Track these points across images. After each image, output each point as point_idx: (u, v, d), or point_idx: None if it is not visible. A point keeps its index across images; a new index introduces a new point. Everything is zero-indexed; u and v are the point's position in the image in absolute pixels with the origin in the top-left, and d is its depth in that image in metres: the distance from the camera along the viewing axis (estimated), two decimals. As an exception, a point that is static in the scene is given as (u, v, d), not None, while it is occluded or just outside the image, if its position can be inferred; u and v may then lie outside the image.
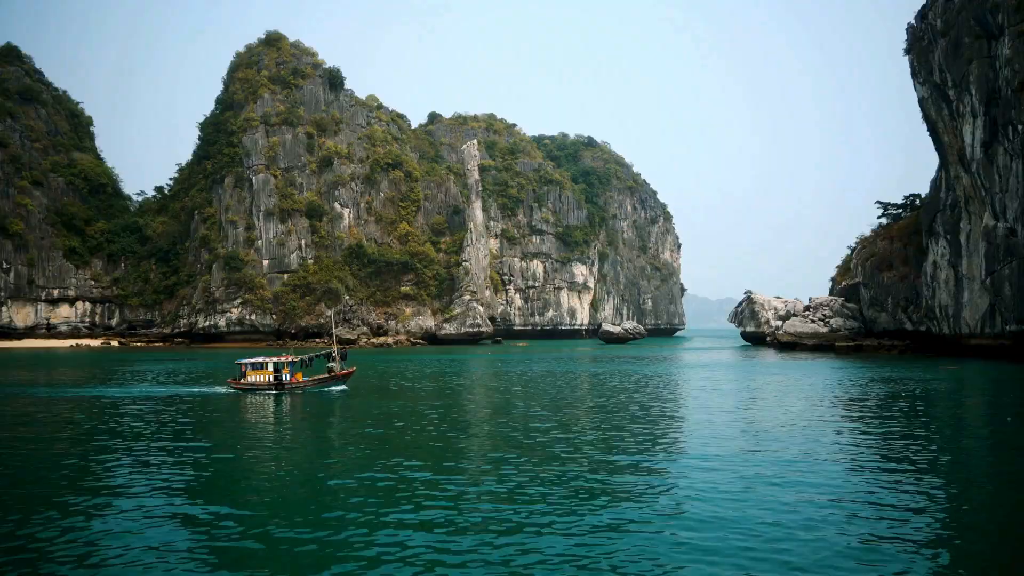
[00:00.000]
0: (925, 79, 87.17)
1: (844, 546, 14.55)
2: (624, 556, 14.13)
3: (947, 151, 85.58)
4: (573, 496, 18.57)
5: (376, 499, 18.44)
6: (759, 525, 15.77)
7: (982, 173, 78.01)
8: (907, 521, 16.14)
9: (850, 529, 15.58)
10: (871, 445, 25.90)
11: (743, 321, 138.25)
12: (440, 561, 13.98)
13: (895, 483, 19.74)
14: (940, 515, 16.75)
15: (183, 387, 51.36)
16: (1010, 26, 74.83)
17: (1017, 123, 73.11)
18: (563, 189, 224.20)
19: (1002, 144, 75.41)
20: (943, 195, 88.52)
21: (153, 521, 16.82)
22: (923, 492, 18.73)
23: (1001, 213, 75.93)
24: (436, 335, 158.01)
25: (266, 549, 14.85)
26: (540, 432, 29.45)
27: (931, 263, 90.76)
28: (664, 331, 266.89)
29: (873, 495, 18.46)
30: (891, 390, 46.06)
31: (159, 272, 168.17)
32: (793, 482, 19.88)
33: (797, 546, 14.54)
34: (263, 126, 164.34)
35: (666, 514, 16.75)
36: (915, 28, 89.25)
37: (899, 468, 21.69)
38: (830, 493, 18.62)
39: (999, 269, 75.94)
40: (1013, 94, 73.77)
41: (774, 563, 13.62)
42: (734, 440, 27.21)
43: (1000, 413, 35.34)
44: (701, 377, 60.93)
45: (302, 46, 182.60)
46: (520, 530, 15.78)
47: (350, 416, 35.88)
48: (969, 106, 79.53)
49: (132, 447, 26.61)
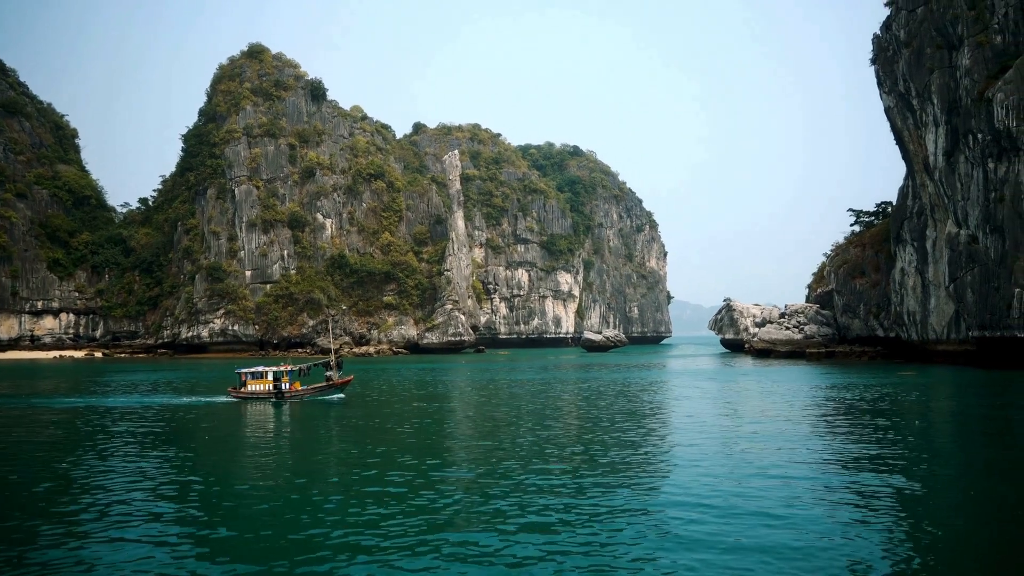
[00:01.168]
0: (891, 89, 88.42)
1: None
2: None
3: (913, 159, 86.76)
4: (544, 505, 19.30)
5: (357, 508, 19.08)
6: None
7: (944, 181, 79.21)
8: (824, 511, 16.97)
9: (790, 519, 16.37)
10: (796, 448, 26.73)
11: (722, 328, 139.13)
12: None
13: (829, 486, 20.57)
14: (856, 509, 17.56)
15: (187, 397, 51.86)
16: (969, 36, 76.21)
17: (977, 132, 74.36)
18: (547, 198, 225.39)
19: (963, 152, 76.65)
20: (910, 203, 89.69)
21: (168, 527, 17.49)
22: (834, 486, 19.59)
23: (963, 220, 77.11)
24: (418, 344, 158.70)
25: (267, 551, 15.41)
26: (506, 437, 30.25)
27: (899, 270, 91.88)
28: (650, 339, 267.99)
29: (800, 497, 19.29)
30: (839, 396, 46.93)
31: (143, 283, 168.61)
32: (728, 493, 20.66)
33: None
34: (245, 138, 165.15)
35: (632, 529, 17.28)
36: (880, 39, 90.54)
37: (815, 473, 22.53)
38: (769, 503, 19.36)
39: (961, 276, 77.06)
40: (973, 103, 75.07)
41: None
42: (670, 448, 28.03)
43: (927, 416, 36.28)
44: (654, 382, 61.76)
45: (284, 58, 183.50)
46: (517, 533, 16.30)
47: (347, 424, 36.62)
48: (931, 115, 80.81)
49: (148, 455, 27.40)
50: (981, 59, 75.19)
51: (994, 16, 74.54)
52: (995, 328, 72.03)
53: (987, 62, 74.53)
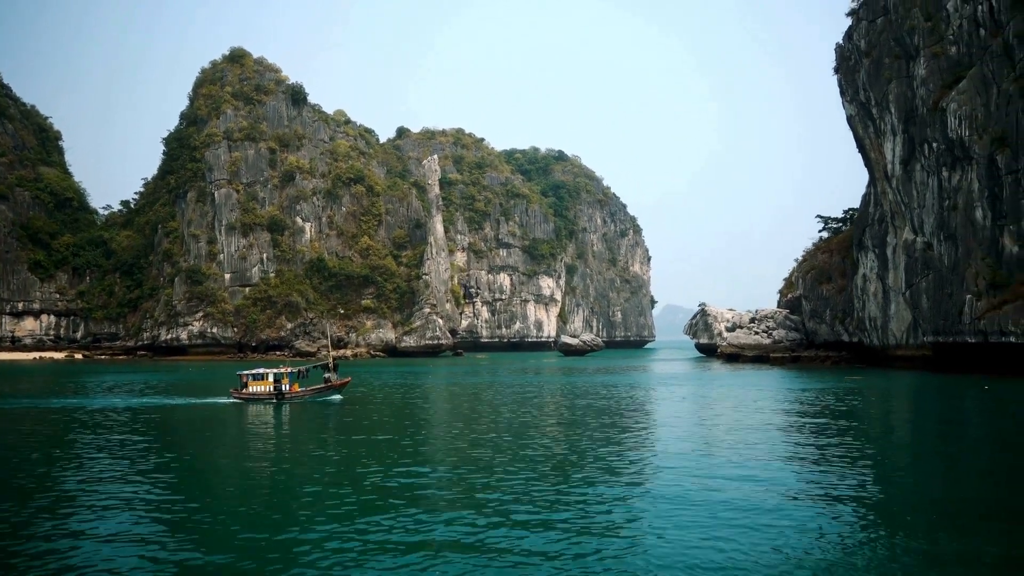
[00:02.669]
0: (852, 98, 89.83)
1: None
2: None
3: (874, 167, 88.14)
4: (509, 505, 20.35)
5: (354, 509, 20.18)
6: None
7: (901, 189, 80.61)
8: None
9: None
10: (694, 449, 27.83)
11: (697, 333, 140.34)
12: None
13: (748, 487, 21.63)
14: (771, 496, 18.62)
15: (192, 398, 53.15)
16: (925, 47, 77.64)
17: (932, 141, 75.77)
18: (530, 203, 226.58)
19: (919, 161, 78.06)
20: (872, 210, 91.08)
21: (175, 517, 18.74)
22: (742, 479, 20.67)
23: (919, 228, 78.49)
24: (396, 347, 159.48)
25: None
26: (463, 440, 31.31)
27: (861, 276, 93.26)
28: (634, 343, 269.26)
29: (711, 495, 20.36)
30: (781, 398, 48.13)
31: (123, 285, 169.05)
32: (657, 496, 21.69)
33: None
34: (226, 141, 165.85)
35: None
36: (842, 48, 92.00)
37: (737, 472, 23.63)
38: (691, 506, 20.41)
39: (917, 282, 78.41)
40: (928, 113, 76.50)
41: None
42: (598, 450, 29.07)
43: (838, 418, 37.48)
44: (619, 383, 62.81)
45: (266, 62, 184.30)
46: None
47: (344, 423, 38.20)
48: (889, 124, 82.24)
49: (166, 454, 28.96)
50: (936, 69, 76.64)
51: (949, 27, 75.99)
52: (948, 334, 73.37)
53: (942, 72, 75.97)
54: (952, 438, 32.22)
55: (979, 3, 73.28)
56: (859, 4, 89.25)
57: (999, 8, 71.19)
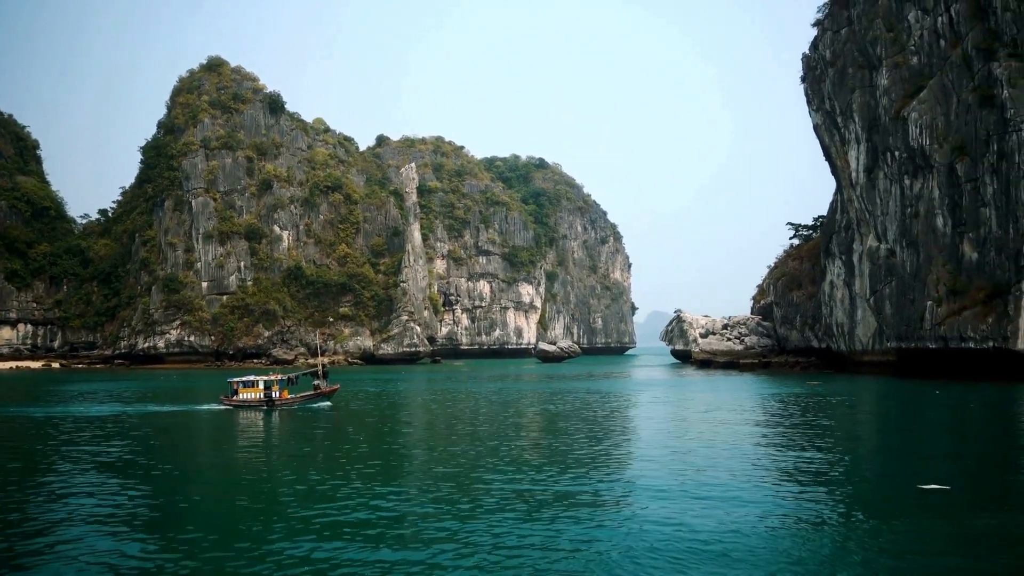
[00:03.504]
0: (818, 107, 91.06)
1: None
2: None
3: (841, 175, 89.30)
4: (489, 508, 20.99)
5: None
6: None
7: (865, 196, 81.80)
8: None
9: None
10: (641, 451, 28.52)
11: (673, 339, 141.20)
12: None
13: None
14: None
15: (181, 405, 54.17)
16: (888, 57, 78.94)
17: (894, 149, 77.01)
18: (509, 210, 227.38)
19: (882, 169, 79.30)
20: (839, 217, 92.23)
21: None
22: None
23: (883, 235, 79.66)
24: (374, 355, 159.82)
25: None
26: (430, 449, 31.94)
27: (829, 283, 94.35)
28: (615, 350, 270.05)
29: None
30: (734, 403, 48.94)
31: (101, 294, 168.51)
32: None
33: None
34: (203, 150, 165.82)
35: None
36: (809, 58, 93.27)
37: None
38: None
39: (880, 289, 79.57)
40: (891, 122, 77.76)
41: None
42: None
43: (788, 420, 38.31)
44: (579, 389, 63.50)
45: (243, 71, 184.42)
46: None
47: (333, 429, 39.62)
48: (854, 133, 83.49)
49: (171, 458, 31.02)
50: (899, 79, 77.93)
51: (911, 38, 77.31)
52: (910, 339, 74.48)
53: (904, 82, 77.27)
54: (878, 436, 33.11)
55: (939, 14, 74.65)
56: (824, 15, 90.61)
57: (958, 19, 72.54)
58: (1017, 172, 64.17)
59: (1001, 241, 66.14)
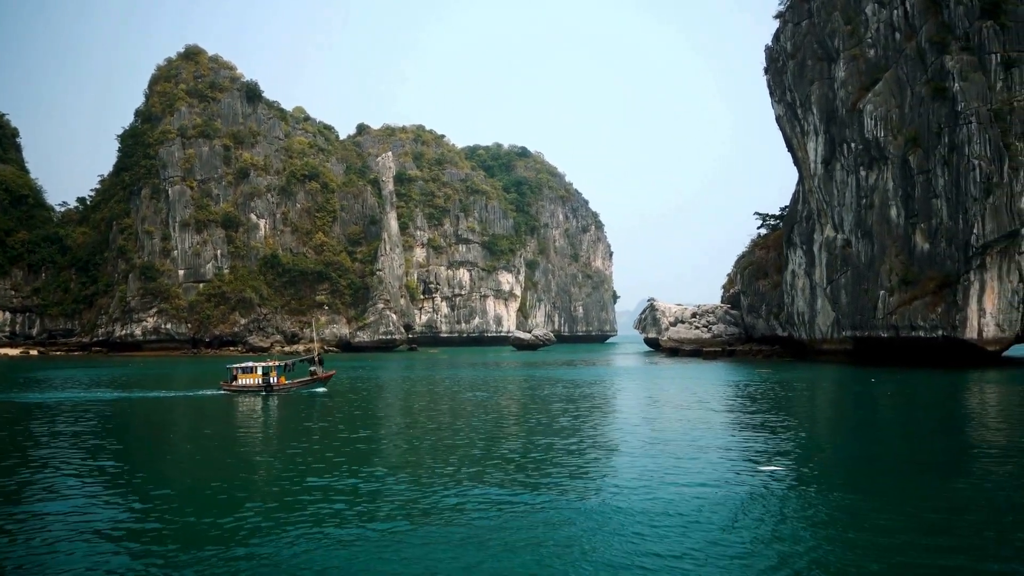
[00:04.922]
0: (780, 98, 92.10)
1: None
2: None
3: (802, 166, 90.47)
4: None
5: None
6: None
7: (823, 188, 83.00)
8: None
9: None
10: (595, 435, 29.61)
11: (646, 327, 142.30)
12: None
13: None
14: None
15: (183, 391, 55.79)
16: (845, 50, 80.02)
17: (851, 141, 78.17)
18: (489, 199, 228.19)
19: (839, 160, 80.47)
20: (800, 208, 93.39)
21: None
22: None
23: (839, 225, 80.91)
24: (350, 343, 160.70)
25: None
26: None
27: (790, 272, 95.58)
28: (595, 337, 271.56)
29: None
30: (691, 386, 50.12)
31: (79, 282, 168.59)
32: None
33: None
34: (180, 138, 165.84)
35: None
36: (771, 50, 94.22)
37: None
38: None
39: (836, 279, 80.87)
40: (847, 114, 78.88)
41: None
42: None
43: (730, 405, 39.46)
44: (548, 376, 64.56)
45: (221, 60, 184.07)
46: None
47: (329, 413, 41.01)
48: (812, 124, 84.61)
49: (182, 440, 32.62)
50: (855, 71, 79.05)
51: (868, 31, 78.42)
52: (864, 328, 75.82)
53: (860, 75, 78.41)
54: (774, 422, 34.27)
55: (895, 8, 75.78)
56: (786, 7, 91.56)
57: (913, 13, 73.67)
58: (967, 164, 65.40)
59: (951, 232, 67.49)
